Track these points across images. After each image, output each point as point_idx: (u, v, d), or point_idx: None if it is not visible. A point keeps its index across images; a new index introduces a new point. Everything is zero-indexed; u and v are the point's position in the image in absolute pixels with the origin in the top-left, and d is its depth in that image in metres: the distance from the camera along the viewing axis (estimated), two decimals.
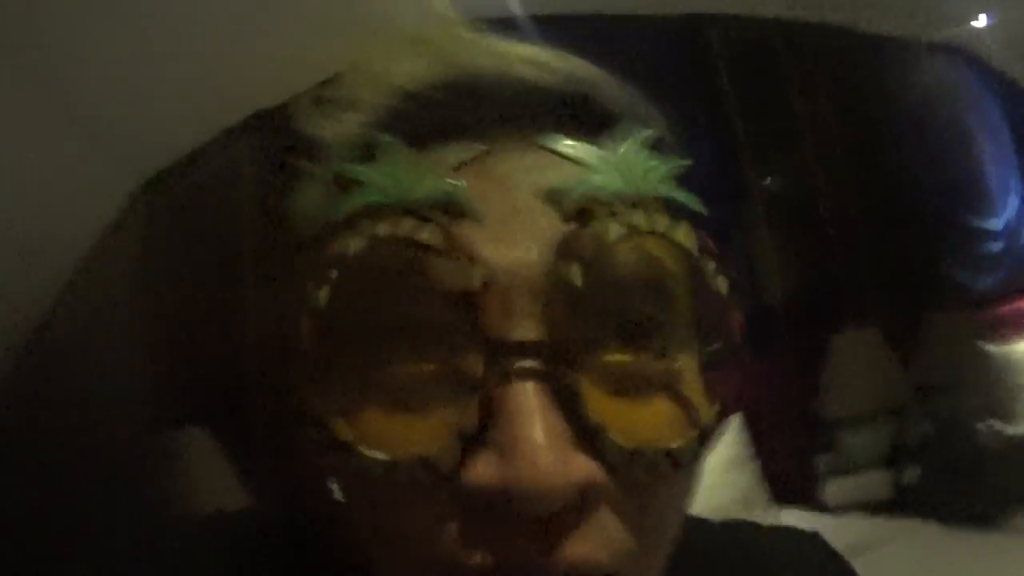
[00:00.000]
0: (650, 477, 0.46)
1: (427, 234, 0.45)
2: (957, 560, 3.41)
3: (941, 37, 5.95)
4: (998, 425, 4.82)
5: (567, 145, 0.50)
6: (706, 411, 0.49)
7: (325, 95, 0.56)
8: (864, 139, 5.24)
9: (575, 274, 0.44)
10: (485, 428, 0.43)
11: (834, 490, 4.28)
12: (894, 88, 5.60)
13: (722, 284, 0.49)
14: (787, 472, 4.24)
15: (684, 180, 0.52)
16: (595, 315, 0.47)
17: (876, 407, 4.26)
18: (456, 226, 0.46)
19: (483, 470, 0.42)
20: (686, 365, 0.51)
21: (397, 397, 0.46)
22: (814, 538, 0.83)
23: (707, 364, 0.52)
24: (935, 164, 5.63)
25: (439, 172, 0.47)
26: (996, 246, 5.89)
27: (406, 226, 0.46)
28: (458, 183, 0.47)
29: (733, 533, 0.82)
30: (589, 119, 0.52)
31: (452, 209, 0.47)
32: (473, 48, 0.54)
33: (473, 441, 0.43)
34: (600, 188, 0.48)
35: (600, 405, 0.45)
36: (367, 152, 0.49)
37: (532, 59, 0.53)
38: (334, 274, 0.46)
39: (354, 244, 0.46)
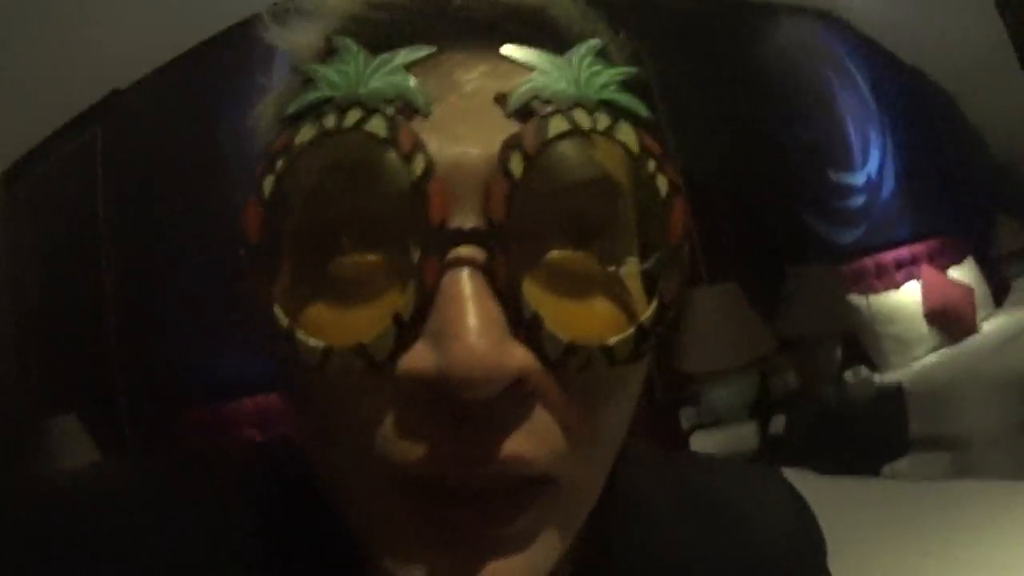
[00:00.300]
0: (587, 373, 0.46)
1: (374, 124, 0.46)
2: (834, 506, 3.36)
3: (808, 2, 6.04)
4: (865, 373, 4.94)
5: (517, 51, 0.49)
6: (645, 310, 0.48)
7: (288, 6, 0.56)
8: (722, 99, 5.27)
9: (515, 165, 0.45)
10: (423, 317, 0.43)
11: (700, 443, 4.26)
12: (753, 49, 5.68)
13: (662, 183, 0.49)
14: (651, 427, 4.24)
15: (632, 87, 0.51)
16: (536, 208, 0.46)
17: (738, 360, 4.22)
18: (404, 119, 0.46)
19: (417, 357, 0.42)
20: (627, 263, 0.50)
21: (340, 286, 0.47)
22: (771, 474, 0.85)
23: (649, 262, 0.51)
24: (796, 122, 5.77)
25: (390, 69, 0.48)
26: (858, 200, 6.05)
27: (353, 117, 0.46)
28: (407, 78, 0.47)
29: (684, 466, 0.83)
30: (544, 31, 0.52)
31: (401, 104, 0.47)
32: None
33: (409, 329, 0.43)
34: (544, 87, 0.48)
35: (539, 297, 0.45)
36: (326, 56, 0.50)
37: None
38: (280, 164, 0.46)
39: (301, 134, 0.46)
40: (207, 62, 4.13)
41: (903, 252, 6.03)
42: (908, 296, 5.62)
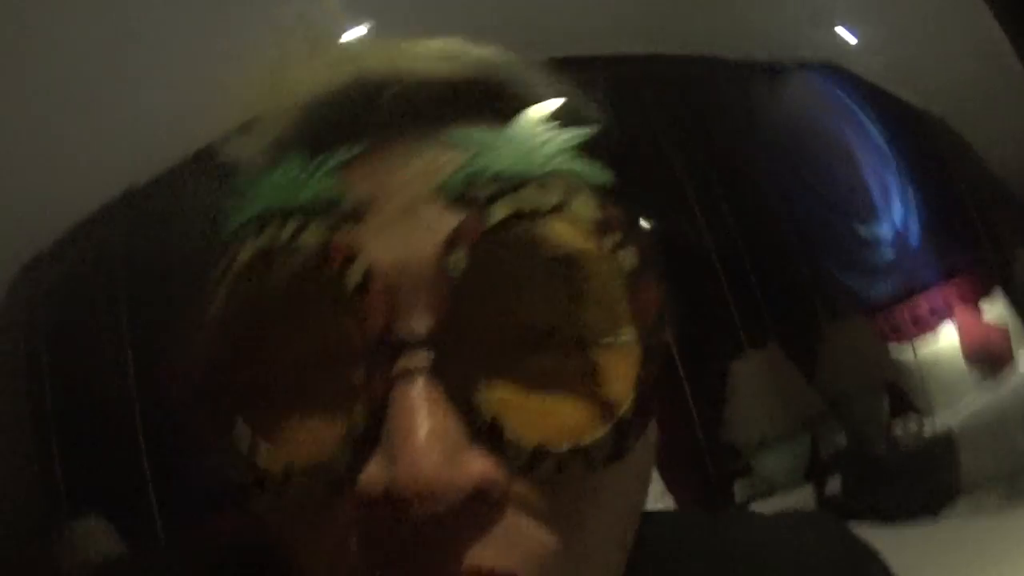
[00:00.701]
0: (562, 476, 0.45)
1: (307, 236, 0.45)
2: (904, 555, 3.40)
3: (813, 57, 6.09)
4: (914, 421, 4.97)
5: (457, 133, 0.49)
6: (623, 401, 0.46)
7: (247, 121, 0.56)
8: (739, 165, 5.30)
9: (457, 262, 0.44)
10: (373, 431, 0.43)
11: None
12: (765, 110, 5.70)
13: (629, 257, 0.47)
14: (705, 503, 4.15)
15: (592, 150, 0.50)
16: (486, 304, 0.46)
17: (786, 425, 4.24)
18: (341, 227, 0.46)
19: (373, 474, 0.42)
20: (602, 347, 0.48)
21: (293, 405, 0.46)
22: (821, 520, 0.80)
23: (622, 347, 0.48)
24: (815, 180, 5.72)
25: (323, 174, 0.47)
26: (887, 252, 5.98)
27: (288, 231, 0.46)
28: (336, 182, 0.47)
29: (723, 522, 0.80)
30: (492, 104, 0.52)
31: (335, 210, 0.46)
32: (365, 52, 0.55)
33: (365, 445, 0.43)
34: (484, 168, 0.47)
35: (502, 398, 0.44)
36: (265, 166, 0.50)
37: (436, 53, 0.54)
38: (223, 289, 0.46)
39: (241, 256, 0.46)
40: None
41: (935, 296, 5.96)
42: (945, 340, 5.59)
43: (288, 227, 0.46)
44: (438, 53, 0.54)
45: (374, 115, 0.50)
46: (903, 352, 5.37)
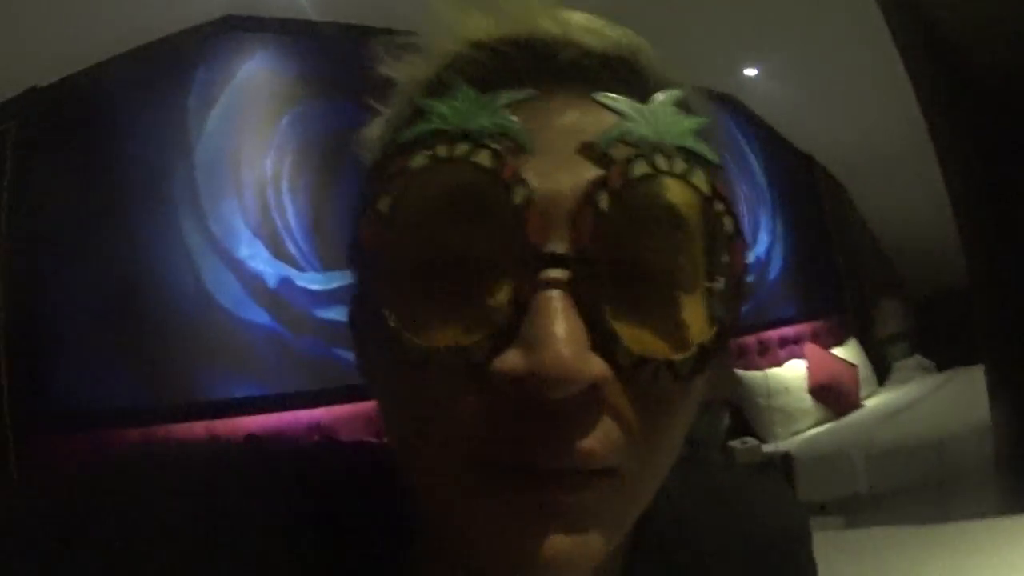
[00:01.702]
0: (653, 385, 0.50)
1: (481, 156, 0.50)
2: None
3: (712, 86, 6.13)
4: (751, 443, 5.11)
5: (608, 97, 0.54)
6: (706, 332, 0.52)
7: (399, 41, 0.61)
8: None
9: (603, 200, 0.49)
10: (516, 326, 0.47)
11: None
12: None
13: (728, 223, 0.53)
14: None
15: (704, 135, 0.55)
16: (617, 239, 0.50)
17: None
18: (506, 152, 0.51)
19: (511, 360, 0.46)
20: (693, 290, 0.54)
21: (442, 296, 0.51)
22: (775, 480, 0.97)
23: (712, 294, 0.54)
24: None
25: (495, 108, 0.53)
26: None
27: (462, 149, 0.51)
28: (512, 119, 0.52)
29: (710, 468, 0.90)
30: (631, 79, 0.56)
31: (504, 140, 0.51)
32: (536, 11, 0.59)
33: (504, 336, 0.47)
34: (629, 132, 0.52)
35: (616, 316, 0.49)
36: (436, 90, 0.54)
37: (587, 26, 0.59)
38: (397, 185, 0.52)
39: (416, 161, 0.51)
40: (123, 74, 3.97)
41: (787, 331, 6.22)
42: (792, 372, 5.77)
43: (463, 145, 0.51)
44: (590, 27, 0.59)
45: (536, 66, 0.56)
46: (748, 376, 5.52)
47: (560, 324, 0.46)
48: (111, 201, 3.68)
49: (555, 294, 0.47)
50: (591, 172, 0.51)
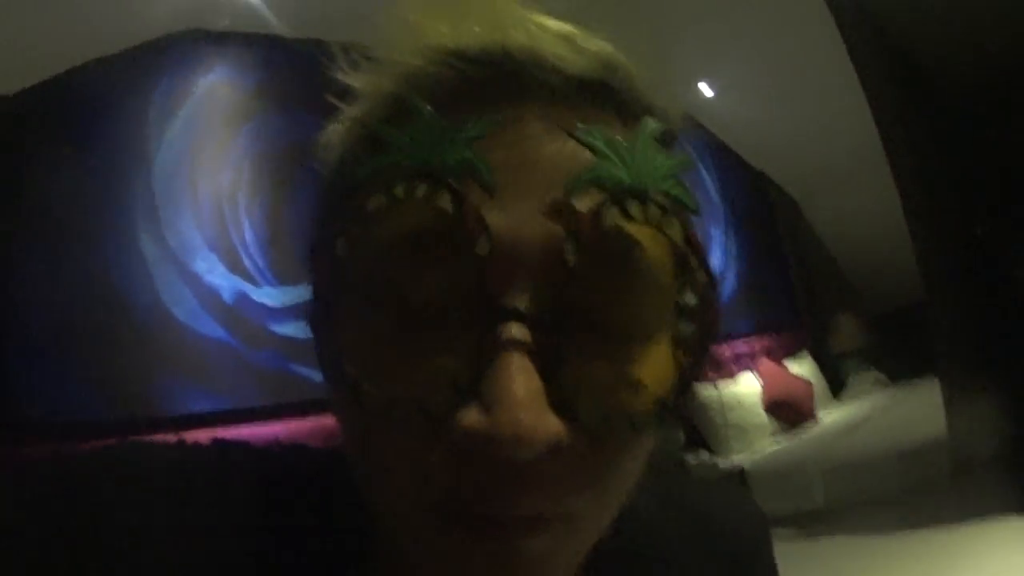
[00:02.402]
0: (613, 439, 0.50)
1: (441, 199, 0.49)
2: None
3: (666, 103, 6.16)
4: (706, 457, 5.18)
5: (583, 131, 0.52)
6: (668, 384, 0.52)
7: (359, 47, 0.60)
8: None
9: (569, 251, 0.48)
10: (476, 381, 0.47)
11: None
12: None
13: (701, 275, 0.52)
14: None
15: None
16: (583, 292, 0.49)
17: None
18: (469, 194, 0.49)
19: (471, 418, 0.46)
20: (658, 343, 0.53)
21: (400, 343, 0.50)
22: (733, 487, 1.01)
23: (678, 344, 0.54)
24: None
25: (460, 141, 0.50)
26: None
27: (422, 189, 0.49)
28: (474, 153, 0.50)
29: (671, 480, 0.89)
30: (607, 102, 0.55)
31: (466, 178, 0.49)
32: (508, 19, 0.56)
33: (463, 392, 0.47)
34: (604, 176, 0.50)
35: (577, 372, 0.48)
36: (397, 111, 0.52)
37: (564, 38, 0.56)
38: (353, 226, 0.50)
39: (373, 201, 0.50)
40: (84, 84, 3.96)
41: (740, 346, 6.23)
42: (746, 388, 5.78)
43: (422, 185, 0.49)
44: (565, 38, 0.56)
45: (505, 86, 0.53)
46: (703, 392, 5.52)
47: (520, 386, 0.46)
48: (70, 211, 3.64)
49: (516, 353, 0.47)
50: (564, 219, 0.49)
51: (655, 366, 0.53)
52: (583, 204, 0.49)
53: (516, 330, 0.47)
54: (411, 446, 0.49)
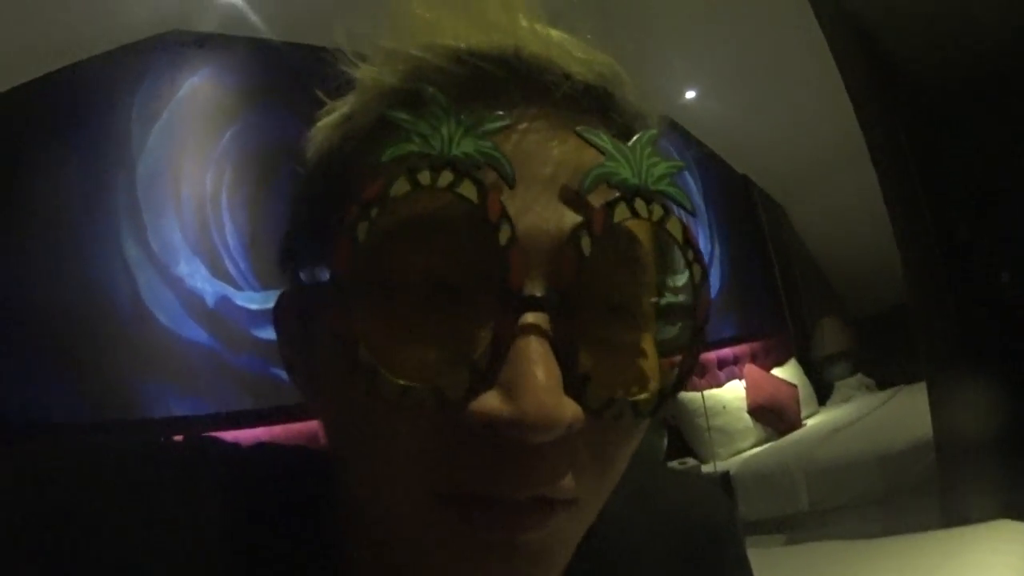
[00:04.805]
0: (617, 423, 0.52)
1: (465, 188, 0.50)
2: None
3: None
4: (691, 463, 5.15)
5: (591, 133, 0.53)
6: (666, 375, 0.55)
7: (366, 35, 0.60)
8: None
9: (585, 244, 0.50)
10: (494, 369, 0.48)
11: None
12: None
13: (696, 271, 0.54)
14: None
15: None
16: (595, 282, 0.51)
17: None
18: (491, 186, 0.50)
19: (491, 403, 0.47)
20: (655, 332, 0.58)
21: (416, 329, 0.51)
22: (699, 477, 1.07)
23: (673, 337, 0.58)
24: None
25: (480, 134, 0.51)
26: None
27: (446, 178, 0.50)
28: (494, 147, 0.51)
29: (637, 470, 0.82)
30: (608, 109, 0.58)
31: (488, 170, 0.50)
32: (520, 25, 0.58)
33: (482, 378, 0.48)
34: (612, 174, 0.52)
35: (587, 359, 0.50)
36: (408, 103, 0.52)
37: (571, 49, 0.58)
38: (375, 212, 0.50)
39: (397, 187, 0.50)
40: (68, 85, 3.94)
41: (726, 352, 6.24)
42: (731, 392, 5.79)
43: (447, 173, 0.50)
44: (571, 48, 0.58)
45: (529, 92, 0.55)
46: (686, 397, 5.52)
47: (540, 371, 0.47)
48: (53, 212, 3.62)
49: (535, 339, 0.48)
50: (572, 213, 0.52)
51: (656, 357, 0.56)
52: (595, 200, 0.52)
53: (534, 317, 0.49)
54: (423, 433, 0.50)
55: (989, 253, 4.05)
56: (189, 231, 4.06)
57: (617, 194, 0.52)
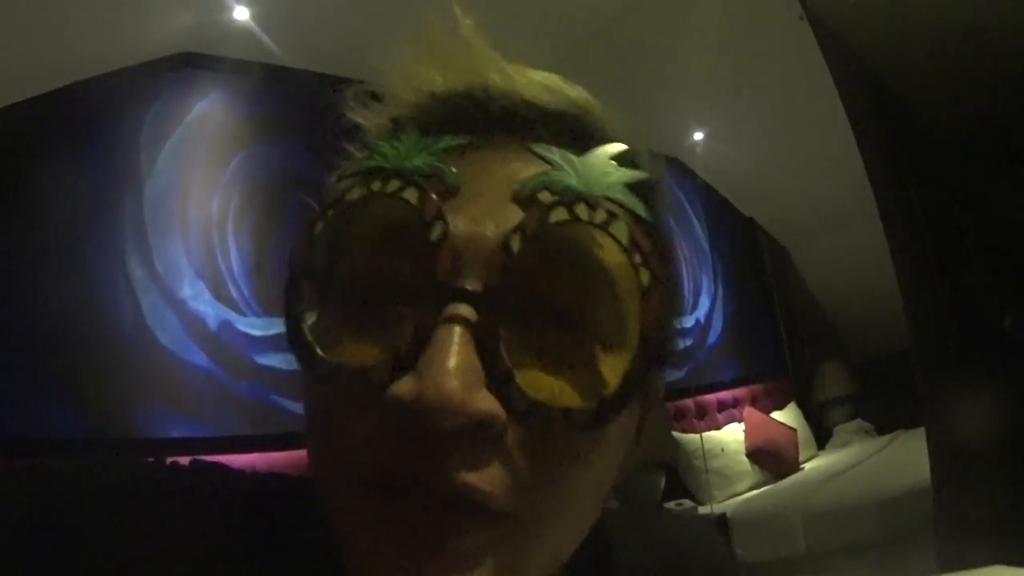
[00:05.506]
0: (550, 433, 0.52)
1: (409, 193, 0.55)
2: None
3: (656, 149, 6.18)
4: (688, 505, 5.14)
5: (541, 147, 0.58)
6: (609, 388, 0.53)
7: (368, 90, 0.67)
8: None
9: (515, 242, 0.52)
10: (415, 355, 0.50)
11: None
12: None
13: (645, 276, 0.53)
14: None
15: (638, 189, 0.59)
16: (527, 282, 0.53)
17: None
18: (435, 192, 0.55)
19: (405, 386, 0.48)
20: (615, 344, 0.55)
21: (356, 319, 0.55)
22: (705, 526, 1.07)
23: (623, 345, 0.55)
24: None
25: (433, 151, 0.58)
26: (686, 342, 6.17)
27: (394, 185, 0.56)
28: (444, 160, 0.57)
29: (649, 517, 0.96)
30: (574, 133, 0.60)
31: (434, 180, 0.56)
32: (488, 66, 0.65)
33: (403, 363, 0.50)
34: (554, 181, 0.56)
35: (519, 359, 0.52)
36: (389, 134, 0.60)
37: (543, 83, 0.65)
38: (330, 213, 0.56)
39: (352, 193, 0.56)
40: (79, 104, 3.94)
41: (725, 395, 6.22)
42: (729, 435, 5.76)
43: (395, 182, 0.56)
44: (543, 84, 0.65)
45: (482, 117, 0.60)
46: (685, 439, 5.52)
47: (453, 356, 0.49)
48: (59, 231, 3.62)
49: (455, 328, 0.50)
50: (512, 217, 0.54)
51: (606, 368, 0.55)
52: (533, 204, 0.55)
53: (457, 308, 0.51)
54: (353, 413, 0.52)
55: (993, 300, 4.05)
56: (194, 254, 4.07)
57: (558, 199, 0.54)
